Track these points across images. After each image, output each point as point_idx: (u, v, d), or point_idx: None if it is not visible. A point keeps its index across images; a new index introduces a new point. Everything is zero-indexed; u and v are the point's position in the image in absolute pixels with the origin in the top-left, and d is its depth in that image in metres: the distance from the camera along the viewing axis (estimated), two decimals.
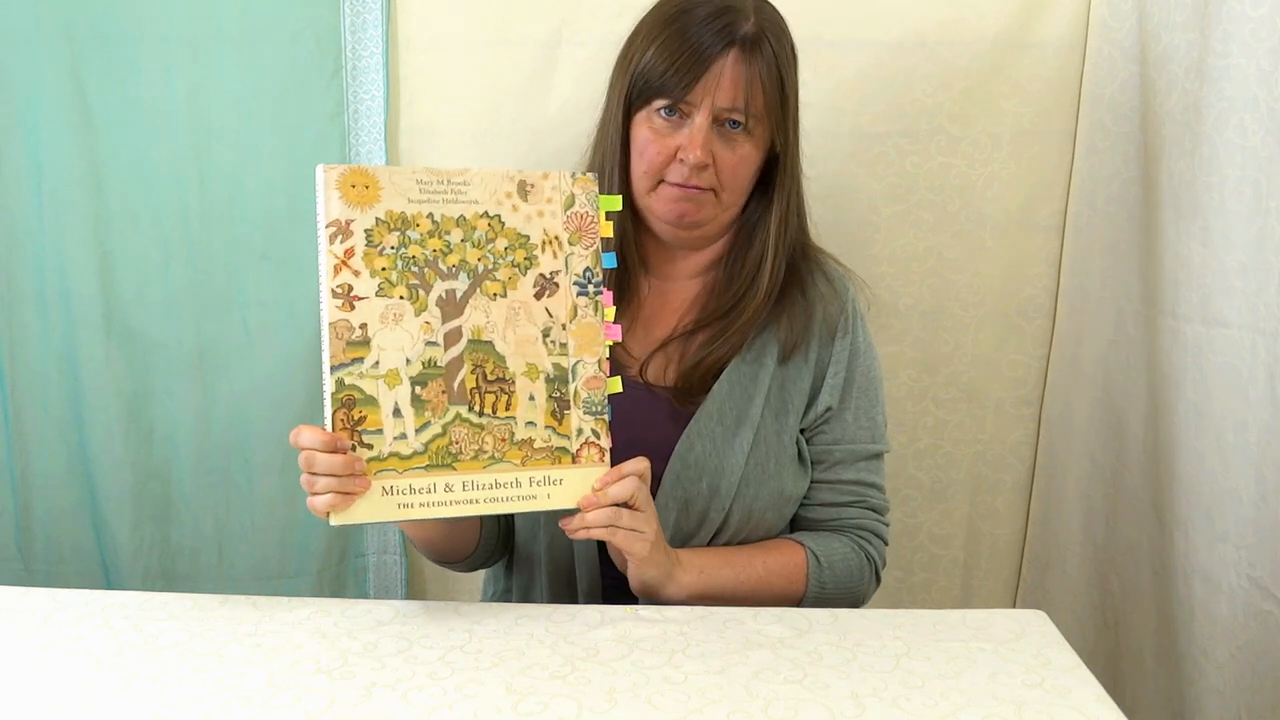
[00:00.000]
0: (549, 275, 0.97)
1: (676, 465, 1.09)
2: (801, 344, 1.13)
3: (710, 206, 1.10)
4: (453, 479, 0.95)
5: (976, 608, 1.00)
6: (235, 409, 1.54)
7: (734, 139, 1.08)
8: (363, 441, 0.92)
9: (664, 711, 0.79)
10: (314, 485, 0.91)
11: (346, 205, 0.92)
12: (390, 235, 0.93)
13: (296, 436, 0.92)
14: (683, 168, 1.07)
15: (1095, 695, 0.82)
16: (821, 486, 1.16)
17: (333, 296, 0.92)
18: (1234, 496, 1.21)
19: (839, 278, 1.18)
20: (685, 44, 1.06)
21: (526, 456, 0.97)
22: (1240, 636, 1.21)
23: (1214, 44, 1.19)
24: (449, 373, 0.95)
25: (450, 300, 0.95)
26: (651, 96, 1.08)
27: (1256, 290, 1.16)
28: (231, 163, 1.48)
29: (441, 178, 0.95)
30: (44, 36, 1.45)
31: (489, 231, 0.96)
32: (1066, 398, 1.52)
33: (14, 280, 1.52)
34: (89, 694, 0.81)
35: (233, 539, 1.57)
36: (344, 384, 0.92)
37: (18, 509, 1.58)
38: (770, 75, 1.07)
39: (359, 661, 0.86)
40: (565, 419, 0.98)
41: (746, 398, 1.11)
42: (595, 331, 0.99)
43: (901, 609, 0.98)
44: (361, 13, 1.44)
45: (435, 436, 0.94)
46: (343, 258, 0.92)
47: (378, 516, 0.93)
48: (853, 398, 1.15)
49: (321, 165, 0.92)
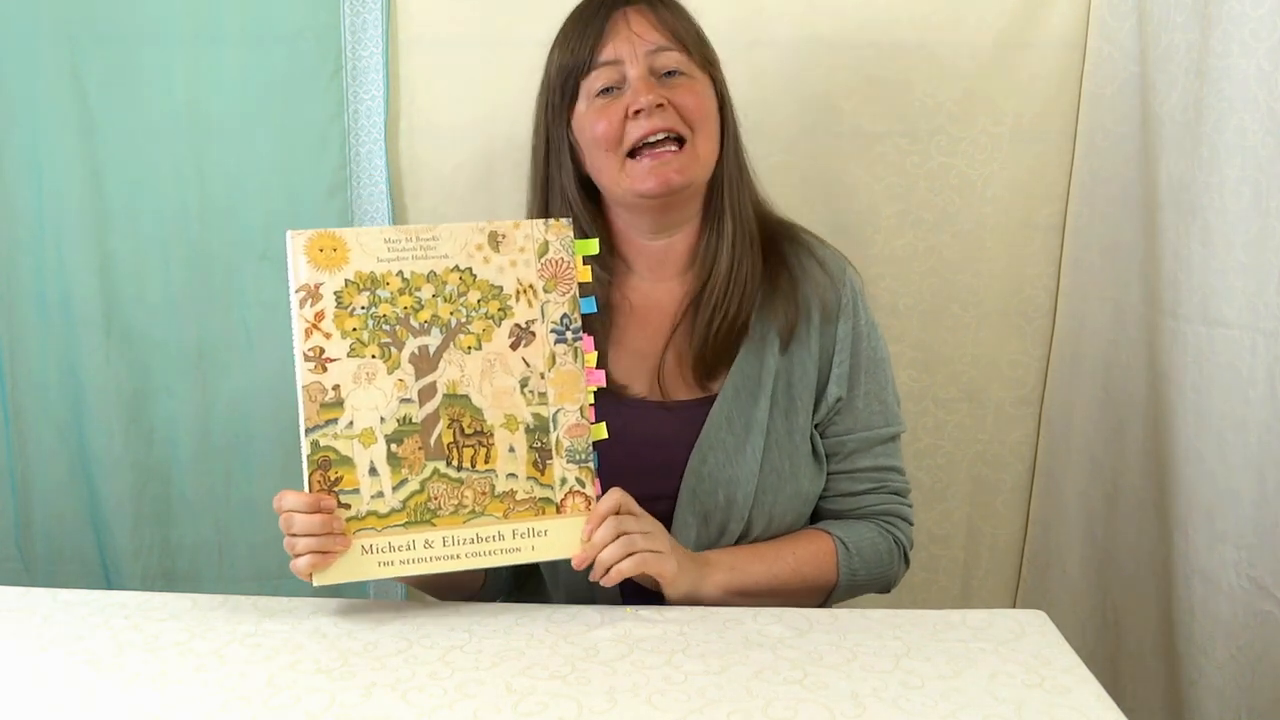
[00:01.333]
0: (524, 325, 0.97)
1: (691, 480, 1.07)
2: (799, 327, 1.11)
3: (689, 163, 1.07)
4: (432, 535, 0.95)
5: (976, 608, 1.00)
6: (235, 409, 1.54)
7: (680, 83, 1.07)
8: (340, 501, 0.93)
9: (664, 711, 0.79)
10: (294, 546, 0.92)
11: (315, 269, 0.93)
12: (360, 295, 0.94)
13: (279, 501, 0.93)
14: (640, 120, 1.04)
15: (1095, 695, 0.82)
16: (840, 477, 1.14)
17: (305, 360, 0.93)
18: (1234, 496, 1.21)
19: (833, 259, 1.15)
20: (580, 21, 1.09)
21: (509, 509, 0.96)
22: (1240, 636, 1.21)
23: (1214, 44, 1.19)
24: (425, 429, 0.95)
25: (423, 356, 0.95)
26: (575, 82, 1.08)
27: (1256, 290, 1.16)
28: (231, 163, 1.48)
29: (410, 235, 0.95)
30: (44, 37, 1.45)
31: (460, 285, 0.96)
32: (1066, 398, 1.52)
33: (14, 280, 1.52)
34: (89, 694, 0.81)
35: (233, 539, 1.57)
36: (319, 445, 0.92)
37: (18, 509, 1.58)
38: (681, 17, 1.09)
39: (359, 661, 0.86)
40: (548, 469, 0.97)
41: (752, 400, 1.09)
42: (576, 379, 0.98)
43: (901, 609, 0.98)
44: (361, 13, 1.44)
45: (413, 493, 0.94)
46: (313, 321, 0.93)
47: (358, 575, 0.93)
48: (861, 383, 1.13)
49: (290, 231, 0.93)
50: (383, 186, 1.48)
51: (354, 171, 1.49)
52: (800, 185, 1.48)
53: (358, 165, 1.49)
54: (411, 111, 1.48)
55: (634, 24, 1.06)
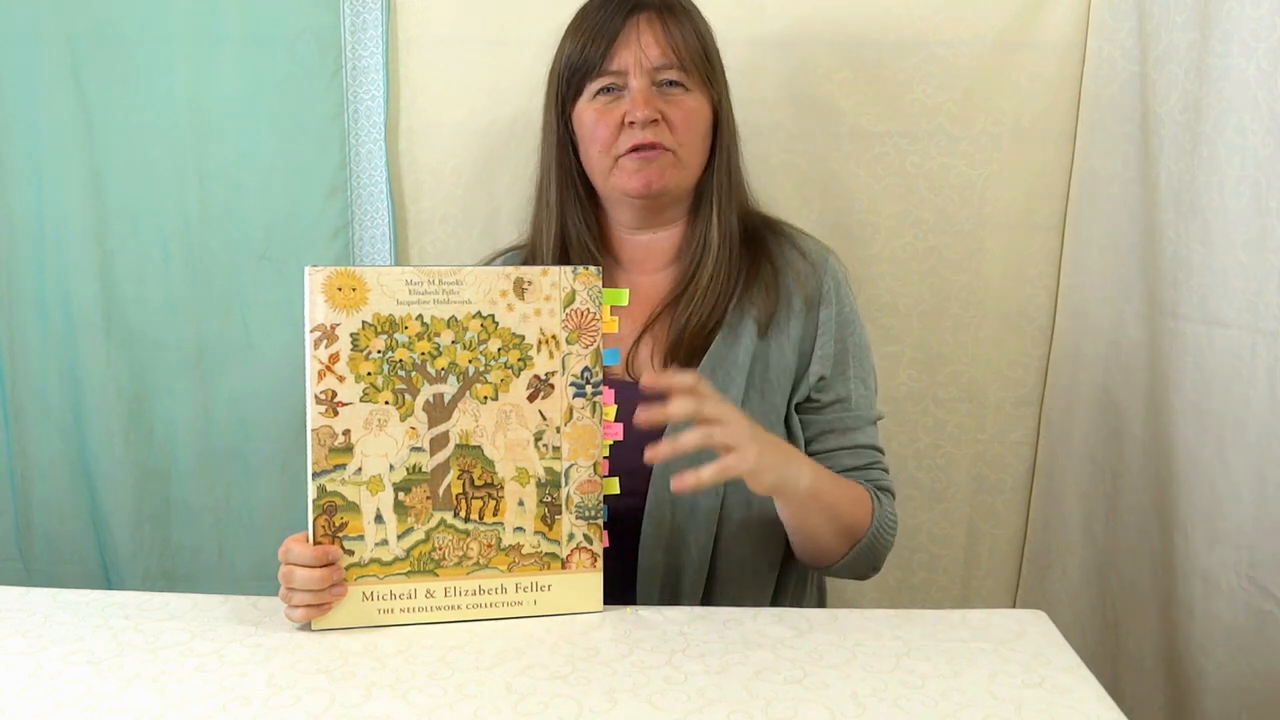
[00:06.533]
0: (544, 376, 0.94)
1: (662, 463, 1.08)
2: (778, 314, 1.13)
3: (672, 169, 1.11)
4: (434, 585, 0.94)
5: (976, 608, 1.00)
6: (235, 409, 1.54)
7: (676, 97, 1.11)
8: (344, 548, 0.92)
9: (664, 711, 0.79)
10: (290, 599, 0.92)
11: (332, 309, 0.90)
12: (377, 339, 0.91)
13: (285, 553, 0.92)
14: (634, 130, 1.09)
15: (1095, 695, 0.82)
16: (842, 453, 1.15)
17: (316, 402, 0.91)
18: (1234, 496, 1.21)
19: (815, 250, 1.18)
20: (595, 22, 1.11)
21: (514, 563, 0.95)
22: (1240, 637, 1.21)
23: (1214, 44, 1.19)
24: (434, 478, 0.93)
25: (438, 404, 0.93)
26: (580, 81, 1.12)
27: (1256, 290, 1.16)
28: (231, 163, 1.48)
29: (432, 277, 0.92)
30: (44, 38, 1.45)
31: (481, 333, 0.93)
32: (1066, 398, 1.52)
33: (14, 280, 1.52)
34: (89, 694, 0.81)
35: (233, 539, 1.58)
36: (325, 490, 0.91)
37: (18, 509, 1.58)
38: (689, 32, 1.12)
39: (359, 661, 0.86)
40: (556, 524, 0.96)
41: (728, 378, 1.10)
42: (592, 434, 0.96)
43: (901, 609, 0.98)
44: (361, 13, 1.45)
45: (418, 543, 0.93)
46: (327, 363, 0.91)
47: (357, 621, 0.93)
48: (851, 366, 1.15)
49: (309, 267, 0.91)
50: (383, 186, 1.48)
51: (354, 171, 1.49)
52: (800, 185, 1.49)
53: (358, 165, 1.49)
54: (411, 111, 1.49)
55: (644, 36, 1.10)
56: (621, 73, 1.10)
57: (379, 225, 1.49)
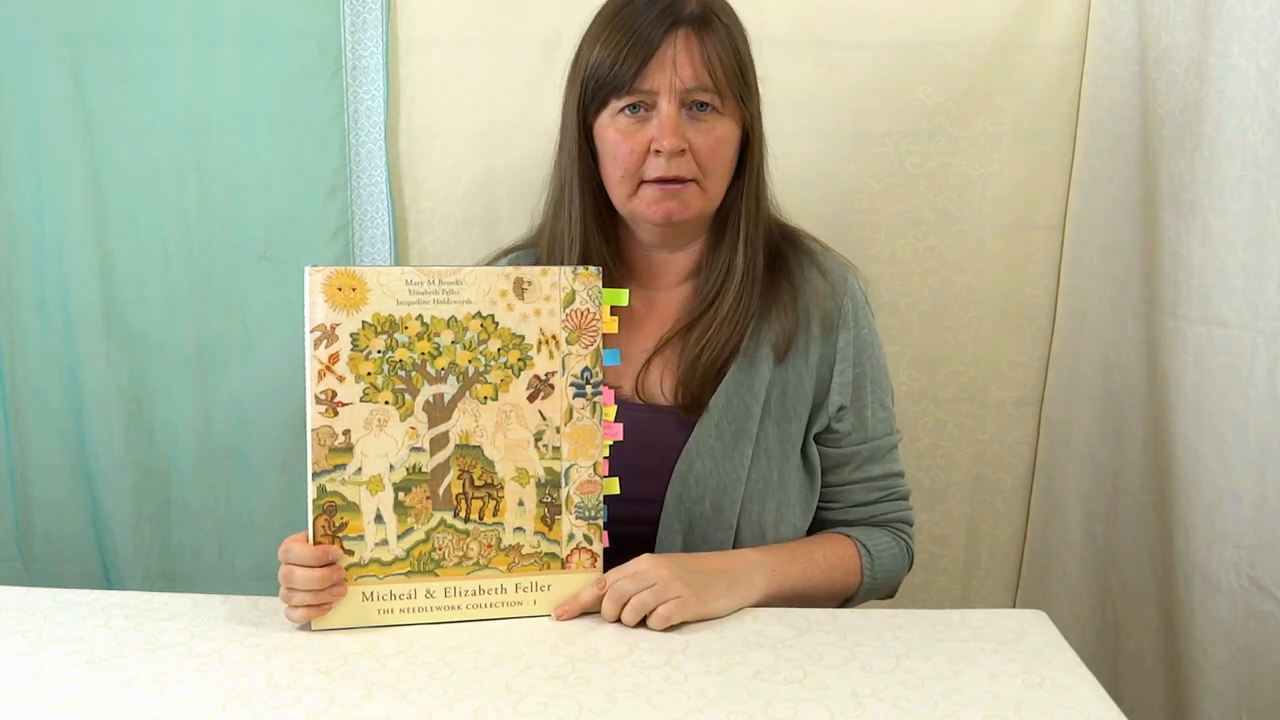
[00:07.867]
0: (544, 377, 0.94)
1: (678, 486, 1.06)
2: (796, 339, 1.10)
3: (695, 200, 1.07)
4: (434, 585, 0.94)
5: (976, 608, 1.00)
6: (235, 409, 1.54)
7: (706, 121, 1.05)
8: (344, 548, 0.92)
9: (664, 711, 0.79)
10: (290, 599, 0.92)
11: (332, 309, 0.90)
12: (377, 339, 0.91)
13: (285, 553, 0.92)
14: (659, 159, 1.04)
15: (1095, 695, 0.82)
16: (854, 487, 1.14)
17: (315, 402, 0.91)
18: (1234, 496, 1.21)
19: (835, 269, 1.14)
20: (629, 32, 1.03)
21: (513, 563, 0.95)
22: (1240, 637, 1.21)
23: (1214, 44, 1.19)
24: (434, 478, 0.93)
25: (438, 404, 0.93)
26: (607, 95, 1.05)
27: (1256, 290, 1.16)
28: (231, 163, 1.48)
29: (432, 277, 0.92)
30: (44, 37, 1.45)
31: (481, 333, 0.93)
32: (1066, 398, 1.52)
33: (14, 280, 1.52)
34: (89, 694, 0.81)
35: (233, 539, 1.58)
36: (325, 490, 0.91)
37: (18, 509, 1.58)
38: (726, 49, 1.05)
39: (359, 661, 0.86)
40: (556, 524, 0.96)
41: (744, 408, 1.08)
42: (592, 434, 0.96)
43: (901, 609, 0.98)
44: (361, 13, 1.45)
45: (418, 543, 0.93)
46: (327, 363, 0.91)
47: (357, 621, 0.93)
48: (869, 392, 1.13)
49: (309, 267, 0.91)
50: (383, 186, 1.48)
51: (354, 171, 1.49)
52: (800, 185, 1.48)
53: (358, 165, 1.49)
54: (411, 111, 1.49)
55: (679, 55, 1.03)
56: (652, 93, 1.03)
57: (379, 225, 1.49)
